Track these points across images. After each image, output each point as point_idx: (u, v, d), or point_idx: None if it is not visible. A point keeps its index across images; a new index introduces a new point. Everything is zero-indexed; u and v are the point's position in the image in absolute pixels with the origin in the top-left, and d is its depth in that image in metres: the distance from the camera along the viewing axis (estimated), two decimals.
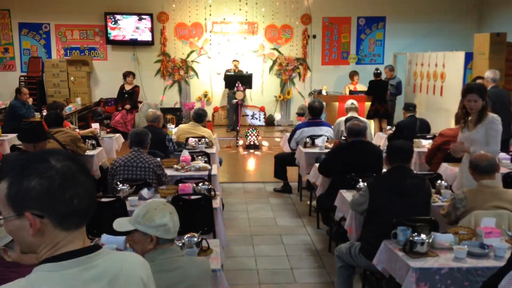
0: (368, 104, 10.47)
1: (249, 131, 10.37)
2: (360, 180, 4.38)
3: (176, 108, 12.25)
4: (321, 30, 12.71)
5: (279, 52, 12.66)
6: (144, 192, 4.31)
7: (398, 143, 3.71)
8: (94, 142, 6.54)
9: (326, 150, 6.46)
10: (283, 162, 7.35)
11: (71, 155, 1.33)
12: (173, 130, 7.43)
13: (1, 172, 1.28)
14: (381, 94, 10.32)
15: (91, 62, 12.43)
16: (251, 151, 10.07)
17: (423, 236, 3.04)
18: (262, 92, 12.75)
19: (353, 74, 11.59)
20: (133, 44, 12.36)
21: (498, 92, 6.83)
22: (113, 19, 12.15)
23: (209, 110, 12.34)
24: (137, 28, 12.26)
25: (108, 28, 12.16)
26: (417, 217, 3.33)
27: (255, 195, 7.34)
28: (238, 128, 10.69)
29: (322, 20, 12.67)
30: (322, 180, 5.31)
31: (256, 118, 12.83)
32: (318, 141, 6.70)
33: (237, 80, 10.76)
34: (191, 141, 6.57)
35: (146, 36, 12.28)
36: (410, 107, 7.36)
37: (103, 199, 4.04)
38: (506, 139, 6.13)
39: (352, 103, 7.32)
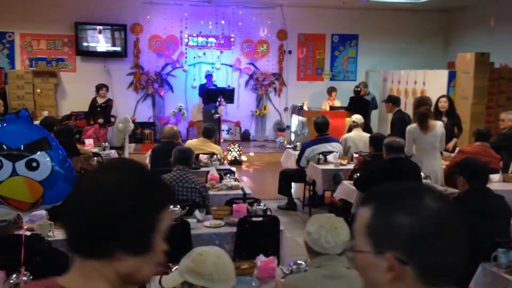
0: (348, 120, 10.58)
1: (233, 146, 10.16)
2: None
3: (149, 123, 11.81)
4: (296, 46, 12.77)
5: (255, 66, 12.58)
6: (197, 213, 4.03)
7: (479, 163, 3.66)
8: (100, 159, 6.15)
9: (341, 167, 6.44)
10: (288, 178, 7.22)
11: (446, 196, 1.12)
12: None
13: (367, 197, 1.09)
14: (363, 110, 10.47)
15: (59, 74, 11.76)
16: (236, 167, 9.85)
17: None
18: (238, 107, 12.57)
19: (331, 90, 11.69)
20: (105, 55, 11.83)
21: None
22: (84, 30, 11.59)
23: (184, 125, 11.98)
24: (109, 39, 11.76)
25: (78, 38, 11.58)
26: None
27: None
28: (219, 143, 10.44)
29: (298, 36, 12.74)
30: (356, 199, 5.22)
31: (232, 133, 12.62)
32: (330, 158, 6.64)
33: (219, 95, 10.54)
34: (203, 157, 6.30)
35: (118, 48, 11.81)
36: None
37: None
38: None
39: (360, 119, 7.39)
